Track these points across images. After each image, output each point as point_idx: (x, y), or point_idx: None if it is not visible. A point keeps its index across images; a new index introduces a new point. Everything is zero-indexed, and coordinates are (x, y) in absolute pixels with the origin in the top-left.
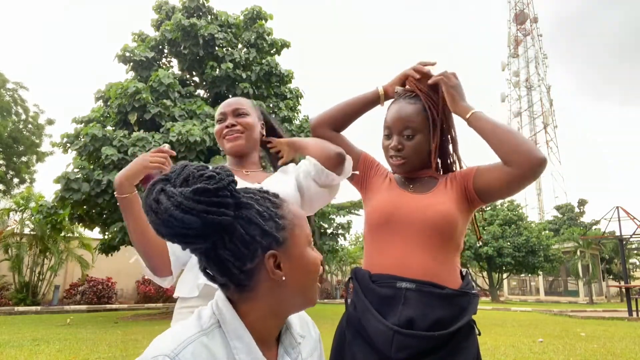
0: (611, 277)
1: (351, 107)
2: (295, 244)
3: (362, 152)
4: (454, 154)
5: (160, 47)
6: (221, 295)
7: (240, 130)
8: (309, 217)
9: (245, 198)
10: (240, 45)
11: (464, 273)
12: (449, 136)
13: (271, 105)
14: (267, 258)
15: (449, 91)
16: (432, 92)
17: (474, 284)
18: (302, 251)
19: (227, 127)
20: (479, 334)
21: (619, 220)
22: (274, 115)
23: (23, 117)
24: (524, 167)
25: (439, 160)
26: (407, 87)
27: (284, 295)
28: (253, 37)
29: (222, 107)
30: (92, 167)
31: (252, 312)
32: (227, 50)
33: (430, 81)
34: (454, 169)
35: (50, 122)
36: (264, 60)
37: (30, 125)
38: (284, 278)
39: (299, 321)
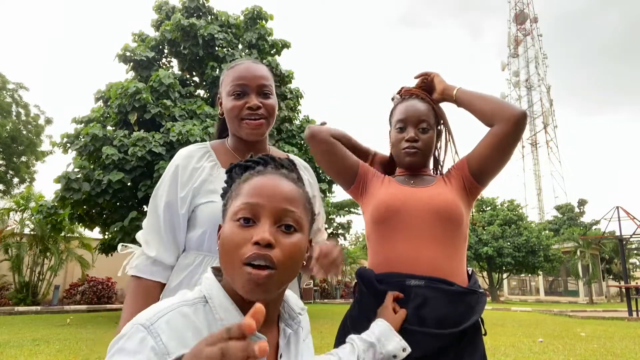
0: (611, 277)
1: (351, 144)
2: (226, 214)
3: (359, 160)
4: (453, 150)
5: (160, 47)
6: (209, 274)
7: (264, 115)
8: None
9: (237, 175)
10: (240, 46)
11: (469, 272)
12: (447, 136)
13: None
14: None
15: (437, 77)
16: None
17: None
18: (225, 223)
19: (250, 108)
20: (485, 334)
21: (619, 220)
22: None
23: (23, 117)
24: (507, 120)
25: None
26: (404, 91)
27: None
28: (254, 37)
29: (243, 75)
30: (92, 166)
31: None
32: (228, 50)
33: (416, 76)
34: (448, 167)
35: (48, 121)
36: (264, 61)
37: (29, 125)
38: (217, 246)
39: (294, 299)
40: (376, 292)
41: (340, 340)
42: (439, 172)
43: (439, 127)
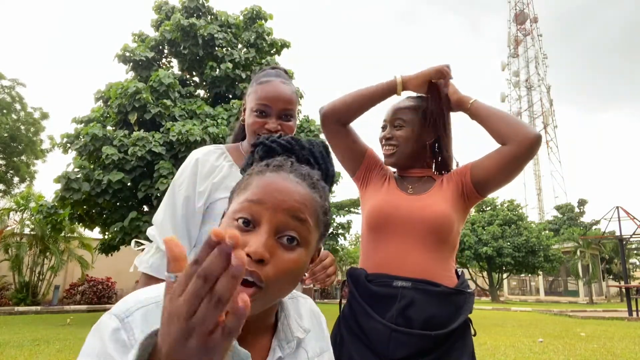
0: (611, 277)
1: (366, 97)
2: (229, 206)
3: (369, 148)
4: (449, 153)
5: (160, 47)
6: None
7: None
8: None
9: (256, 158)
10: (240, 45)
11: (459, 273)
12: (447, 136)
13: None
14: None
15: (451, 86)
16: (436, 94)
17: (473, 283)
18: (224, 217)
19: (268, 130)
20: (474, 334)
21: (619, 220)
22: None
23: (22, 114)
24: (521, 142)
25: (437, 159)
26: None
27: None
28: (253, 37)
29: (269, 96)
30: (92, 166)
31: None
32: (227, 50)
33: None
34: (450, 169)
35: (44, 115)
36: (263, 60)
37: (28, 124)
38: None
39: (308, 314)
40: (364, 290)
41: (333, 342)
42: (436, 170)
43: (428, 125)
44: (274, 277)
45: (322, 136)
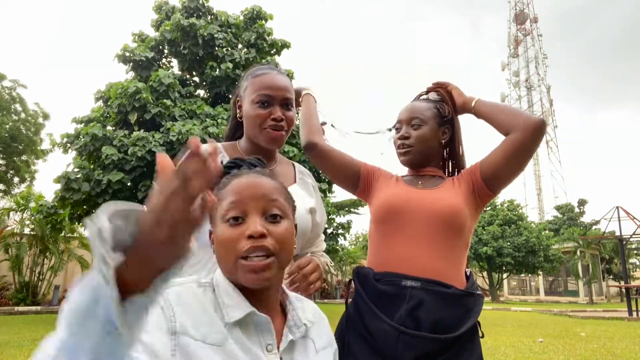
0: (611, 277)
1: (305, 117)
2: (215, 219)
3: (362, 163)
4: (460, 154)
5: (160, 47)
6: (218, 269)
7: (285, 128)
8: None
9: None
10: (240, 46)
11: (467, 273)
12: (457, 137)
13: None
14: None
15: (455, 90)
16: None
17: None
18: (216, 227)
19: (274, 119)
20: (482, 337)
21: (619, 220)
22: None
23: (22, 115)
24: (524, 128)
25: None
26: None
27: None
28: (253, 37)
29: (269, 86)
30: (92, 166)
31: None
32: (227, 50)
33: (429, 88)
34: (461, 170)
35: (45, 116)
36: (264, 61)
37: (28, 124)
38: (213, 252)
39: (312, 311)
40: (371, 289)
41: (338, 340)
42: (447, 171)
43: (444, 126)
44: (277, 246)
45: None
